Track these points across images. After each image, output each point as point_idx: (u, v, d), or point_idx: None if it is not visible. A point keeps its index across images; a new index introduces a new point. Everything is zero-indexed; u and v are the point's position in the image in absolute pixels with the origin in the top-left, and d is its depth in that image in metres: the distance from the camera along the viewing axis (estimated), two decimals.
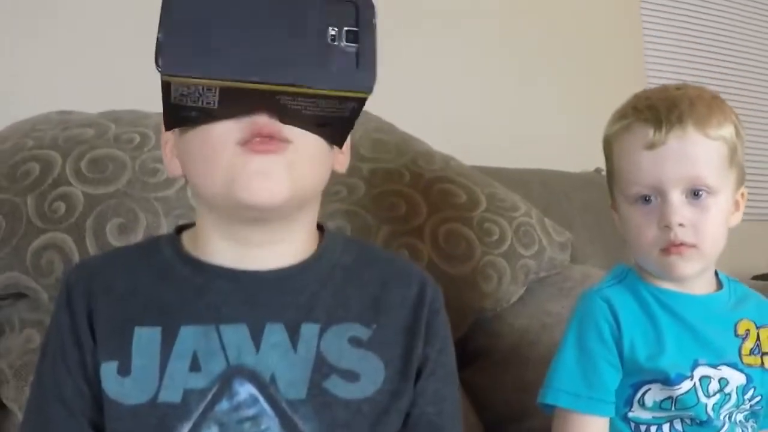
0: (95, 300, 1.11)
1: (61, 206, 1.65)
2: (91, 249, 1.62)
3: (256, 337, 1.07)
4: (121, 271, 1.15)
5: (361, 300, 1.14)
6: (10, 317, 1.70)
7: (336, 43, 0.95)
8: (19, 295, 1.69)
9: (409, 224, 1.79)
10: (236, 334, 1.07)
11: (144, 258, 1.17)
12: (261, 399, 1.05)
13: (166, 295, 1.11)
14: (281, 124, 1.03)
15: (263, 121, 1.02)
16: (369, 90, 0.97)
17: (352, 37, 0.96)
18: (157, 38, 0.92)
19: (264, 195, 1.03)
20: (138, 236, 1.64)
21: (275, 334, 1.08)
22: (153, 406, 1.04)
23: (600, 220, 2.16)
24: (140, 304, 1.11)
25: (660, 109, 1.32)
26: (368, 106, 1.26)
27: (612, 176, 1.41)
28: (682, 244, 1.31)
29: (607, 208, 1.47)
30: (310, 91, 0.96)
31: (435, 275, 1.70)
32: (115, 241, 1.63)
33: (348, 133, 1.10)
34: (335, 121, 1.03)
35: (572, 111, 2.54)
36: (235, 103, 0.99)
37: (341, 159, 1.18)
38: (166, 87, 0.96)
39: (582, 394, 1.33)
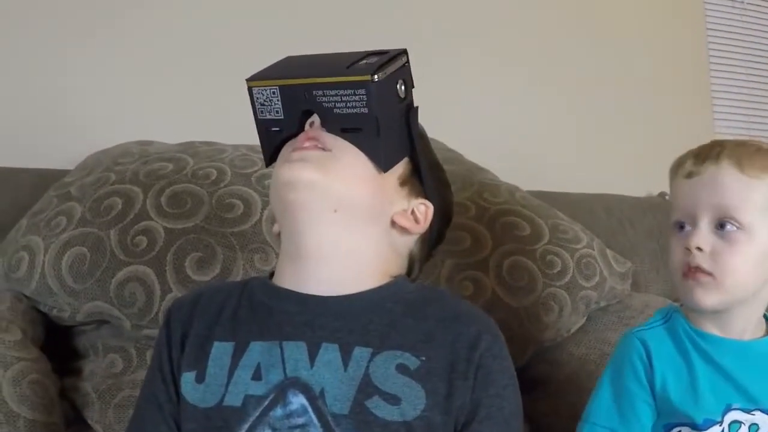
0: (191, 320, 1.28)
1: (143, 240, 1.74)
2: (171, 282, 1.70)
3: (313, 354, 1.19)
4: (216, 298, 1.31)
5: (416, 332, 1.22)
6: (94, 342, 1.80)
7: (362, 63, 1.26)
8: (102, 322, 1.79)
9: (474, 257, 1.84)
10: (295, 350, 1.20)
11: (236, 289, 1.33)
12: (310, 410, 1.16)
13: (243, 315, 1.26)
14: (324, 134, 1.27)
15: (312, 130, 1.28)
16: (369, 74, 1.22)
17: (374, 59, 1.26)
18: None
19: (295, 171, 1.24)
20: (215, 270, 1.72)
21: (329, 352, 1.19)
22: (219, 409, 1.19)
23: (664, 247, 2.18)
24: (222, 324, 1.26)
25: (706, 147, 1.41)
26: (435, 133, 1.36)
27: None
28: (698, 270, 1.35)
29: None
30: (330, 79, 1.25)
31: (498, 307, 1.79)
32: (194, 275, 1.71)
33: (385, 152, 1.28)
34: (361, 121, 1.25)
35: (636, 134, 2.55)
36: (292, 108, 1.30)
37: (411, 219, 1.33)
38: (251, 98, 1.34)
39: (617, 430, 1.39)
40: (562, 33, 2.58)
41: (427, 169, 1.35)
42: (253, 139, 1.39)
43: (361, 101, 1.24)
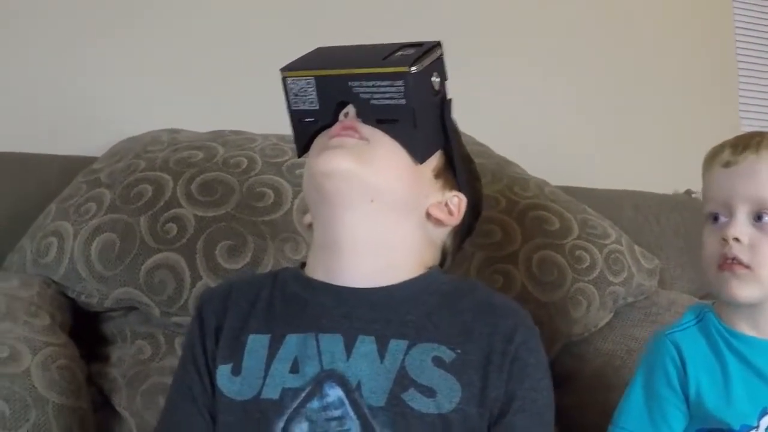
0: (224, 313, 1.28)
1: (173, 227, 1.74)
2: (202, 270, 1.70)
3: (349, 346, 1.19)
4: (249, 290, 1.30)
5: (451, 324, 1.22)
6: (122, 329, 1.80)
7: (398, 54, 1.26)
8: (130, 308, 1.79)
9: (504, 251, 1.84)
10: (332, 343, 1.20)
11: (269, 280, 1.32)
12: (346, 402, 1.16)
13: (279, 309, 1.25)
14: (361, 124, 1.27)
15: (348, 119, 1.28)
16: (407, 66, 1.23)
17: (411, 51, 1.26)
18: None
19: (333, 159, 1.23)
20: (246, 258, 1.72)
21: (366, 345, 1.19)
22: (257, 402, 1.19)
23: (690, 244, 2.17)
24: (257, 316, 1.25)
25: (745, 137, 1.39)
26: (464, 127, 1.36)
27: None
28: (735, 261, 1.32)
29: (698, 231, 1.47)
30: (367, 70, 1.26)
31: (527, 301, 1.79)
32: (225, 263, 1.71)
33: (422, 143, 1.29)
34: (398, 112, 1.25)
35: (663, 131, 2.55)
36: (328, 99, 1.31)
37: (446, 211, 1.32)
38: (284, 89, 1.34)
39: None
40: (590, 26, 2.57)
41: (460, 162, 1.35)
42: (282, 128, 1.40)
43: (398, 92, 1.24)
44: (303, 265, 1.35)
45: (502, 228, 1.87)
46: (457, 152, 1.35)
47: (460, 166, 1.35)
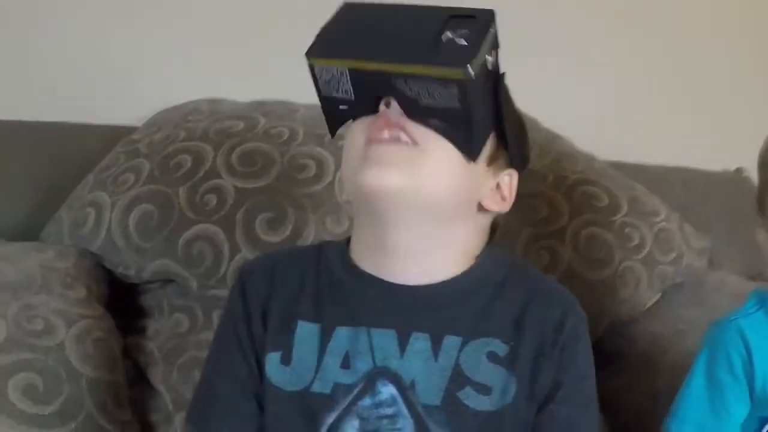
0: (270, 294, 1.21)
1: (213, 198, 1.71)
2: (241, 242, 1.68)
3: (403, 343, 1.15)
4: (294, 269, 1.24)
5: (504, 317, 1.18)
6: (159, 301, 1.78)
7: (451, 41, 1.09)
8: (168, 280, 1.77)
9: (551, 227, 1.80)
10: (384, 339, 1.15)
11: (313, 259, 1.25)
12: (400, 400, 1.13)
13: (327, 296, 1.20)
14: (408, 122, 1.11)
15: (391, 113, 1.12)
16: (463, 69, 1.06)
17: (464, 37, 1.09)
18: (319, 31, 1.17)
19: (383, 180, 1.10)
20: (286, 231, 1.69)
21: (420, 342, 1.15)
22: (307, 395, 1.15)
23: (740, 223, 2.11)
24: (305, 301, 1.20)
25: None
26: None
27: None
28: None
29: (748, 210, 1.43)
30: (415, 70, 1.09)
31: (573, 279, 1.75)
32: (264, 236, 1.68)
33: (477, 141, 1.15)
34: (452, 116, 1.10)
35: (716, 107, 2.49)
36: (365, 91, 1.14)
37: (498, 198, 1.23)
38: (312, 74, 1.17)
39: (707, 427, 1.30)
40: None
41: (513, 137, 1.22)
42: None
43: (453, 97, 1.09)
44: (348, 240, 1.28)
45: (549, 204, 1.82)
46: (510, 129, 1.21)
47: (513, 140, 1.22)
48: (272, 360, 1.18)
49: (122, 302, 1.81)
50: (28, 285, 1.61)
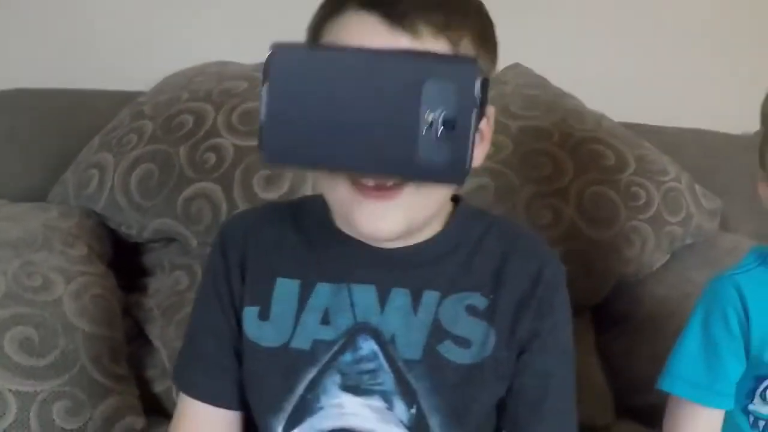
0: (247, 249, 1.19)
1: (212, 157, 1.71)
2: (239, 199, 1.68)
3: (383, 299, 1.14)
4: (273, 226, 1.21)
5: (483, 271, 1.16)
6: (161, 260, 1.80)
7: (431, 130, 0.92)
8: (170, 240, 1.78)
9: (554, 185, 1.76)
10: (365, 295, 1.14)
11: (294, 216, 1.22)
12: (380, 355, 1.13)
13: (307, 252, 1.18)
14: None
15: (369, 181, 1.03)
16: (459, 182, 0.97)
17: (449, 124, 0.92)
18: (260, 124, 0.96)
19: (380, 234, 1.07)
20: (283, 189, 1.69)
21: (400, 297, 1.14)
22: (285, 351, 1.14)
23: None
24: (284, 257, 1.18)
25: None
26: (521, 59, 1.22)
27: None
28: None
29: None
30: (398, 177, 1.00)
31: (576, 238, 1.73)
32: (262, 193, 1.68)
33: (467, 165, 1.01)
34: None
35: (736, 68, 2.43)
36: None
37: (480, 147, 1.12)
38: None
39: (701, 384, 1.28)
40: None
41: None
42: None
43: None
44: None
45: (553, 161, 1.78)
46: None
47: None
48: (249, 315, 1.17)
49: (127, 262, 1.83)
50: (30, 243, 1.64)
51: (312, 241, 1.18)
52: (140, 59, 2.15)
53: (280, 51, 0.94)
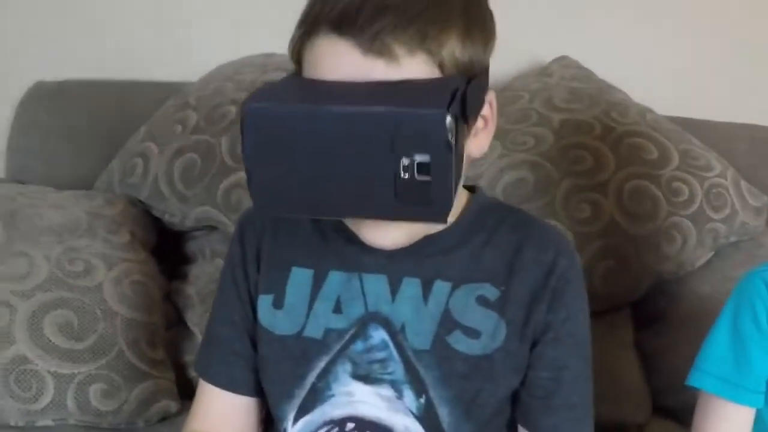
0: (264, 238, 1.21)
1: None
2: None
3: (394, 289, 1.14)
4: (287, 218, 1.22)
5: (495, 261, 1.16)
6: (202, 247, 1.83)
7: (407, 175, 0.93)
8: (212, 228, 1.81)
9: (594, 179, 1.74)
10: (376, 284, 1.15)
11: None
12: (391, 345, 1.13)
13: (320, 241, 1.19)
14: None
15: None
16: (443, 221, 0.99)
17: (424, 168, 0.93)
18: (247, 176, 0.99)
19: (384, 246, 1.10)
20: None
21: (411, 287, 1.14)
22: (298, 339, 1.15)
23: None
24: (300, 247, 1.19)
25: None
26: (567, 51, 1.17)
27: None
28: None
29: None
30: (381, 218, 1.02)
31: (614, 233, 1.71)
32: None
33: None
34: None
35: None
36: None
37: (478, 143, 1.13)
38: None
39: (730, 380, 1.25)
40: None
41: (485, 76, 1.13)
42: None
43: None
44: None
45: (593, 154, 1.76)
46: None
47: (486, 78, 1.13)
48: (264, 302, 1.19)
49: (172, 249, 1.87)
50: (73, 229, 1.68)
51: (326, 232, 1.19)
52: (188, 51, 2.17)
53: (252, 110, 0.95)
